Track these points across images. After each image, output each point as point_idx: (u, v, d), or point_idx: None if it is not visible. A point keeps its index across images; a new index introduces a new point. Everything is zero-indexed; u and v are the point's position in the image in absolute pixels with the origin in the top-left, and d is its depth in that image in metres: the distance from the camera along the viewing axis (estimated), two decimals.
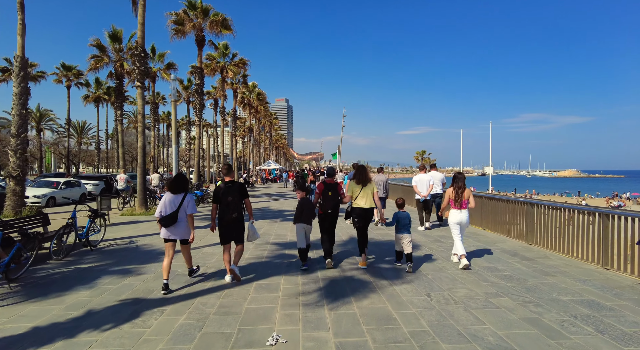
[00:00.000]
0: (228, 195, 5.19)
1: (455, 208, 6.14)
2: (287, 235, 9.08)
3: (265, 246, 7.86)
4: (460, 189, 6.07)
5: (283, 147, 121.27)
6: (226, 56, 30.01)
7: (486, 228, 9.77)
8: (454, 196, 6.10)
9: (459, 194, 6.06)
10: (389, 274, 5.72)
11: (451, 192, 6.16)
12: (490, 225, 9.59)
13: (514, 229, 8.51)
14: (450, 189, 6.20)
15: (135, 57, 14.40)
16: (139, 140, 14.70)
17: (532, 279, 5.40)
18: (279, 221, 11.63)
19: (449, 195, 6.19)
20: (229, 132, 36.10)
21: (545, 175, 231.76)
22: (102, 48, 21.44)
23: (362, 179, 6.14)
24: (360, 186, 6.12)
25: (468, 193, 6.13)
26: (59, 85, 38.48)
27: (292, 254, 7.13)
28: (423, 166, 10.21)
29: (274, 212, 14.18)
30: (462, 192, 6.08)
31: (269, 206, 16.36)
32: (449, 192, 6.20)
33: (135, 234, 9.51)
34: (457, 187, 6.09)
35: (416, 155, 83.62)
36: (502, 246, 7.73)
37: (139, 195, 14.33)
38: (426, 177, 10.04)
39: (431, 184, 9.92)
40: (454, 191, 6.10)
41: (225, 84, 35.48)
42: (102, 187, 22.71)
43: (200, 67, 21.53)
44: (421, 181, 10.14)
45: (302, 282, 5.34)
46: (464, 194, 6.09)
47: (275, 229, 10.14)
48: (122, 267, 6.25)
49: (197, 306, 4.44)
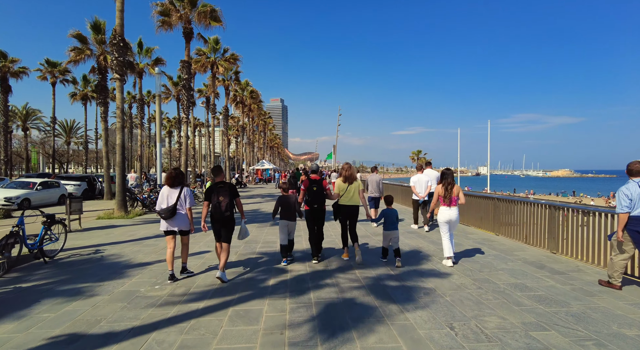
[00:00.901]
0: (219, 195, 5.28)
1: (444, 205, 6.00)
2: (276, 243, 8.01)
3: (250, 258, 6.79)
4: (449, 186, 5.95)
5: (278, 147, 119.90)
6: (217, 51, 28.82)
7: (499, 233, 8.79)
8: (444, 193, 5.97)
9: (449, 191, 5.93)
10: (397, 293, 4.69)
11: (440, 189, 6.03)
12: (504, 230, 8.61)
13: (533, 235, 7.52)
14: (439, 186, 6.08)
15: (113, 47, 13.24)
16: (118, 138, 13.54)
17: (576, 302, 4.39)
18: (269, 226, 10.56)
19: (438, 192, 6.07)
20: (220, 131, 34.85)
21: (539, 175, 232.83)
22: (83, 40, 20.10)
23: (348, 177, 6.24)
24: (347, 184, 6.25)
25: (457, 189, 5.99)
26: (44, 82, 37.09)
27: (281, 267, 6.07)
28: (420, 166, 9.93)
29: (264, 215, 13.09)
30: (452, 188, 5.95)
31: (259, 208, 15.27)
32: (438, 189, 6.08)
33: (106, 242, 8.39)
34: (446, 184, 5.97)
35: (412, 155, 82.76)
36: (522, 256, 6.73)
37: (117, 198, 13.17)
38: (424, 177, 9.69)
39: (429, 185, 9.59)
40: (443, 188, 5.98)
41: (217, 81, 34.24)
42: (84, 188, 21.45)
43: (188, 62, 20.34)
44: (419, 182, 9.74)
45: (290, 307, 4.29)
46: (454, 191, 5.95)
47: (264, 235, 9.06)
48: (73, 286, 5.13)
49: (151, 346, 3.36)
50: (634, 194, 4.55)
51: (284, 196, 6.28)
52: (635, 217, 4.57)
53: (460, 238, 8.46)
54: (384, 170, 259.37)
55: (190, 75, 20.48)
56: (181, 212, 5.35)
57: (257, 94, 45.30)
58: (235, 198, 5.47)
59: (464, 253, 6.97)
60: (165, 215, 5.22)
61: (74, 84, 42.17)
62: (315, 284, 5.12)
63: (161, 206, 5.28)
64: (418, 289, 4.90)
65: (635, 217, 4.57)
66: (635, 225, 4.57)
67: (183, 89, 20.55)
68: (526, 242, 7.74)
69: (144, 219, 12.28)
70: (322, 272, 5.76)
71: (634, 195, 4.54)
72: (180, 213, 5.35)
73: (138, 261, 6.58)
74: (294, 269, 5.91)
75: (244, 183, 35.39)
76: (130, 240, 8.64)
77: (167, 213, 5.22)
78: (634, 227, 4.58)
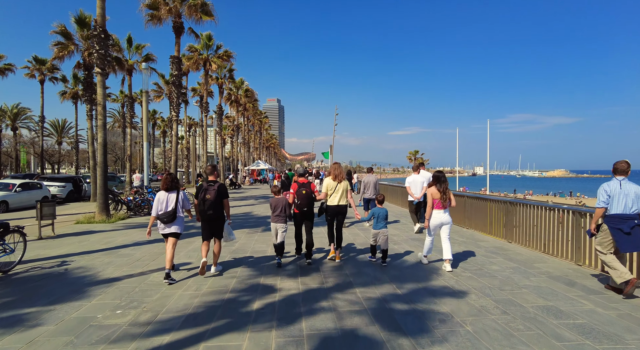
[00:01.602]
0: (206, 193, 5.46)
1: (439, 208, 5.82)
2: (266, 253, 7.17)
3: (234, 272, 5.93)
4: (446, 189, 5.80)
5: (274, 147, 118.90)
6: (209, 48, 27.95)
7: (512, 240, 8.00)
8: (441, 196, 5.76)
9: (447, 194, 5.77)
10: (407, 321, 3.87)
11: (435, 191, 5.78)
12: (519, 237, 7.82)
13: (555, 245, 6.73)
14: (434, 189, 5.81)
15: (94, 39, 12.34)
16: (99, 136, 12.64)
17: (630, 335, 3.56)
18: (260, 231, 9.71)
19: (433, 195, 5.81)
20: (214, 130, 33.94)
21: (535, 175, 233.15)
22: (68, 35, 19.12)
23: (337, 176, 6.29)
24: (336, 183, 6.28)
25: (450, 192, 5.87)
26: (32, 80, 36.05)
27: (269, 284, 5.23)
28: (417, 167, 9.65)
29: (256, 219, 12.23)
30: (449, 191, 5.81)
31: (252, 211, 14.40)
32: (433, 193, 5.81)
33: (76, 251, 7.51)
34: (444, 187, 5.78)
35: (409, 155, 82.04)
36: (545, 269, 5.93)
37: (98, 200, 12.27)
38: (420, 178, 9.38)
39: (425, 186, 9.16)
40: (440, 191, 5.75)
41: (210, 79, 33.36)
42: (69, 190, 20.49)
43: (178, 57, 19.42)
44: (414, 182, 9.40)
45: (276, 343, 3.44)
46: (449, 193, 5.83)
47: (254, 243, 8.21)
48: (15, 312, 4.25)
49: None
50: (613, 190, 4.64)
51: (275, 199, 6.28)
52: (615, 215, 4.63)
53: (470, 245, 7.66)
54: (380, 171, 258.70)
55: (180, 71, 19.58)
56: (180, 216, 5.53)
57: (252, 92, 44.38)
58: (223, 198, 5.61)
59: (477, 265, 6.17)
60: (166, 220, 5.35)
61: (64, 82, 40.92)
62: (308, 308, 4.28)
63: (159, 211, 5.39)
64: (432, 314, 4.08)
65: (616, 214, 4.63)
66: (615, 223, 4.62)
67: (173, 86, 19.65)
68: (545, 252, 6.95)
69: (127, 224, 11.38)
70: (316, 290, 4.93)
71: (614, 192, 4.63)
72: (179, 216, 5.52)
73: (106, 276, 5.71)
74: (284, 287, 5.08)
75: (239, 184, 34.49)
76: (105, 248, 7.76)
77: (167, 217, 5.35)
78: (614, 225, 4.63)
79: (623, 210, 4.58)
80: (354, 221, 10.96)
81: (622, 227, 4.53)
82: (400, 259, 6.63)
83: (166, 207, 5.39)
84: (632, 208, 4.56)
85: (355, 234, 9.24)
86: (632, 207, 4.56)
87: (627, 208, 4.57)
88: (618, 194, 4.61)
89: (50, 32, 18.61)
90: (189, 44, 27.17)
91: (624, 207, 4.58)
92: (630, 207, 4.57)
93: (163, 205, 5.41)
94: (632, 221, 4.51)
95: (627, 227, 4.49)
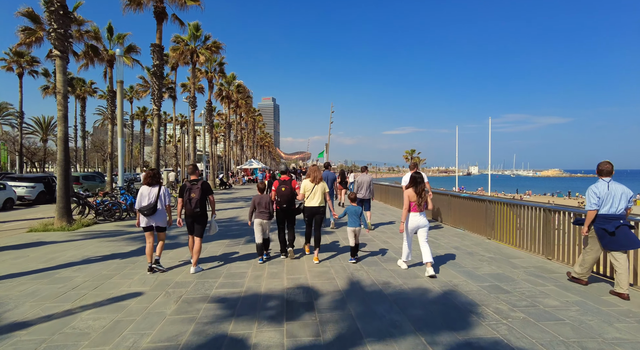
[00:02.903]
0: (191, 192, 5.68)
1: (415, 211, 5.60)
2: (245, 276, 5.54)
3: (196, 308, 4.30)
4: (423, 191, 5.59)
5: (269, 146, 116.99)
6: (197, 39, 26.14)
7: (552, 257, 6.45)
8: (417, 199, 5.56)
9: (422, 197, 5.57)
10: None
11: (412, 194, 5.59)
12: (564, 254, 6.27)
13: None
14: (411, 191, 5.61)
15: (52, 16, 10.60)
16: (59, 130, 10.98)
17: None
18: (243, 243, 8.07)
19: (410, 197, 5.58)
20: (202, 127, 32.14)
21: (529, 174, 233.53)
22: (35, 18, 17.28)
23: (315, 178, 6.35)
24: (313, 185, 6.36)
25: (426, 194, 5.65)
26: (10, 73, 34.09)
27: (239, 335, 3.60)
28: (414, 165, 9.09)
29: (240, 226, 10.58)
30: (425, 193, 5.60)
31: (238, 216, 12.74)
32: (410, 195, 5.59)
33: (0, 273, 5.83)
34: (420, 189, 5.57)
35: (405, 154, 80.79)
36: (626, 307, 4.38)
37: (58, 204, 10.55)
38: None
39: (426, 181, 8.27)
40: (417, 193, 5.56)
41: (199, 73, 31.51)
42: (39, 191, 18.68)
43: (159, 45, 17.64)
44: None
45: None
46: (427, 195, 5.64)
47: (232, 262, 6.55)
48: None
49: None
50: (602, 192, 4.68)
51: (259, 196, 6.35)
52: (601, 215, 4.69)
53: (503, 265, 6.09)
54: (376, 170, 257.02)
55: (162, 61, 17.80)
56: (160, 209, 5.72)
57: (244, 88, 42.52)
58: (208, 195, 5.84)
59: (526, 298, 4.57)
60: (147, 212, 5.58)
61: (46, 77, 39.05)
62: None
63: (142, 204, 5.62)
64: None
65: (602, 215, 4.69)
66: (601, 223, 4.68)
67: (154, 77, 17.87)
68: (603, 274, 5.40)
69: (88, 233, 9.68)
70: (309, 349, 3.32)
71: (602, 194, 4.67)
72: (160, 210, 5.71)
73: (12, 318, 4.06)
74: (260, 343, 3.45)
75: (229, 184, 32.73)
76: (41, 269, 6.09)
77: (148, 210, 5.58)
78: (600, 225, 4.69)
79: (609, 210, 4.64)
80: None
81: (607, 227, 4.59)
82: (419, 286, 5.04)
83: (148, 201, 5.63)
84: (618, 208, 4.62)
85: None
86: (618, 207, 4.62)
87: (614, 208, 4.63)
88: (606, 195, 4.66)
89: (16, 13, 16.66)
90: (175, 34, 25.37)
91: (611, 207, 4.64)
92: (617, 207, 4.63)
93: (145, 199, 5.64)
94: (617, 221, 4.58)
95: (612, 227, 4.56)
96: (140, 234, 9.15)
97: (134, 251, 7.35)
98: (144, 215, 5.59)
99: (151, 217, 5.62)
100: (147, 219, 5.63)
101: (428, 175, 9.87)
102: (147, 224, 5.66)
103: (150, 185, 5.73)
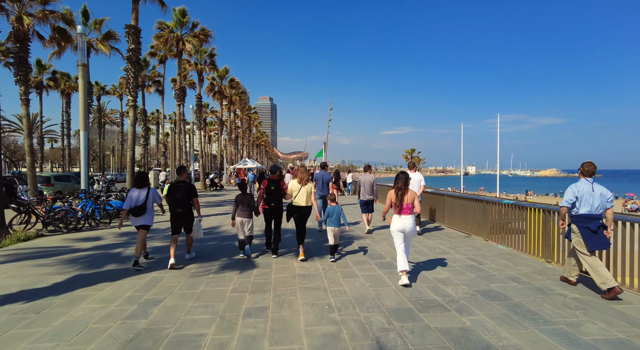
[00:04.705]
0: (177, 193, 6.04)
1: (396, 213, 5.11)
2: (202, 331, 3.36)
3: None
4: (399, 191, 5.11)
5: (265, 145, 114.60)
6: (184, 26, 23.87)
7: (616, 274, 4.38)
8: (395, 199, 5.13)
9: (398, 197, 5.09)
10: None
11: (392, 193, 5.19)
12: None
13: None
14: (392, 190, 5.20)
15: None
16: None
17: None
18: (216, 271, 5.88)
19: (390, 197, 5.20)
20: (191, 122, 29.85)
21: (526, 174, 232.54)
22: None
23: (302, 180, 6.43)
24: (300, 186, 6.40)
25: (412, 196, 5.12)
26: None
27: None
28: (413, 165, 9.02)
29: (218, 241, 8.40)
30: (403, 194, 5.09)
31: (220, 225, 10.56)
32: (390, 194, 5.22)
33: None
34: (396, 189, 5.14)
35: (405, 154, 78.93)
36: None
37: None
38: (416, 176, 8.69)
39: (422, 184, 8.76)
40: (395, 193, 5.13)
41: (188, 65, 29.30)
42: None
43: (134, 26, 15.41)
44: (412, 181, 8.25)
45: None
46: (406, 198, 5.08)
47: (192, 303, 4.38)
48: None
49: None
50: (581, 191, 4.77)
51: (241, 195, 6.62)
52: (582, 215, 4.77)
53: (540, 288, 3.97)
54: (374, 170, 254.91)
55: (138, 44, 15.60)
56: (150, 210, 6.09)
57: (237, 83, 40.21)
58: (192, 197, 6.20)
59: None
60: (136, 213, 5.94)
61: None
62: None
63: (131, 205, 5.94)
64: None
65: (583, 214, 4.76)
66: (584, 222, 4.75)
67: (129, 63, 15.63)
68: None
69: (20, 250, 7.46)
70: None
71: (582, 193, 4.76)
72: (149, 210, 6.08)
73: None
74: None
75: (221, 185, 30.49)
76: None
77: (138, 211, 5.94)
78: (583, 224, 4.76)
79: (589, 210, 4.73)
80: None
81: (590, 226, 4.69)
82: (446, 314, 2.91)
83: (137, 202, 5.96)
84: (597, 208, 4.70)
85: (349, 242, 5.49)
86: (597, 207, 4.70)
87: (594, 208, 4.71)
88: (586, 195, 4.73)
89: None
90: (158, 20, 23.06)
91: (591, 207, 4.71)
92: (596, 207, 4.70)
93: (134, 201, 5.95)
94: (597, 221, 4.70)
95: (594, 226, 4.67)
96: (86, 254, 6.97)
97: (58, 285, 5.15)
98: (134, 215, 5.95)
99: (140, 217, 5.98)
100: (136, 219, 5.99)
101: (425, 175, 9.30)
102: (136, 223, 6.03)
103: (139, 187, 6.06)
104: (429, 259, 6.51)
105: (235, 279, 5.41)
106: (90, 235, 9.09)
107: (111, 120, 67.01)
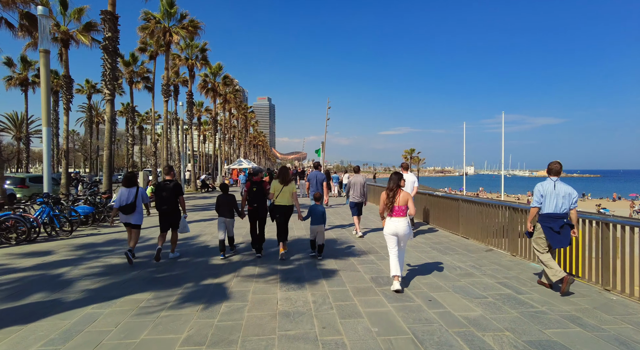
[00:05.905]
0: (163, 191, 6.35)
1: (388, 215, 4.88)
2: None
3: None
4: (390, 192, 4.84)
5: (263, 145, 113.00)
6: (172, 17, 22.40)
7: None
8: (386, 200, 4.87)
9: (390, 198, 4.82)
10: None
11: (383, 194, 4.95)
12: None
13: None
14: (384, 192, 4.96)
15: None
16: None
17: None
18: (174, 302, 4.42)
19: (382, 199, 4.94)
20: (180, 119, 28.34)
21: (525, 174, 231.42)
22: None
23: (284, 179, 6.53)
24: (282, 186, 6.49)
25: (405, 198, 4.83)
26: None
27: None
28: (407, 165, 8.67)
29: (192, 256, 6.96)
30: (395, 196, 4.81)
31: (200, 234, 9.10)
32: (382, 196, 4.96)
33: None
34: (388, 190, 4.89)
35: (404, 153, 77.67)
36: None
37: None
38: (410, 177, 8.47)
39: (415, 186, 8.56)
40: (386, 194, 4.89)
41: (178, 60, 27.82)
42: None
43: (111, 12, 13.90)
44: (406, 181, 7.97)
45: None
46: (397, 199, 4.80)
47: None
48: None
49: None
50: (547, 190, 4.73)
51: (222, 195, 6.86)
52: (546, 214, 4.75)
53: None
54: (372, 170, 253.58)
55: (116, 32, 14.11)
56: (138, 208, 6.40)
57: (232, 80, 38.67)
58: (178, 196, 6.49)
59: None
60: (126, 211, 6.24)
61: (9, 66, 35.12)
62: None
63: (121, 204, 6.26)
64: None
65: (547, 214, 4.74)
66: (547, 222, 4.75)
67: (105, 53, 14.13)
68: None
69: None
70: None
71: (547, 192, 4.73)
72: (138, 209, 6.39)
73: None
74: None
75: (212, 186, 29.02)
76: None
77: (127, 209, 6.24)
78: (546, 223, 4.75)
79: (554, 209, 4.69)
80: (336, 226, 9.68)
81: (553, 226, 4.68)
82: None
83: (126, 201, 6.26)
84: (562, 207, 4.67)
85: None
86: (562, 207, 4.67)
87: (558, 207, 4.68)
88: (551, 194, 4.70)
89: None
90: (144, 10, 21.59)
91: (555, 206, 4.69)
92: (560, 207, 4.68)
93: (123, 199, 6.27)
94: (561, 220, 4.67)
95: (557, 226, 4.66)
96: (17, 277, 5.53)
97: None
98: (124, 213, 6.26)
99: (129, 216, 6.29)
100: (125, 217, 6.31)
101: (424, 175, 8.71)
102: (125, 220, 6.35)
103: (128, 187, 6.40)
104: (452, 285, 5.09)
105: (196, 318, 3.98)
106: (40, 249, 7.64)
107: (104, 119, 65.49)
